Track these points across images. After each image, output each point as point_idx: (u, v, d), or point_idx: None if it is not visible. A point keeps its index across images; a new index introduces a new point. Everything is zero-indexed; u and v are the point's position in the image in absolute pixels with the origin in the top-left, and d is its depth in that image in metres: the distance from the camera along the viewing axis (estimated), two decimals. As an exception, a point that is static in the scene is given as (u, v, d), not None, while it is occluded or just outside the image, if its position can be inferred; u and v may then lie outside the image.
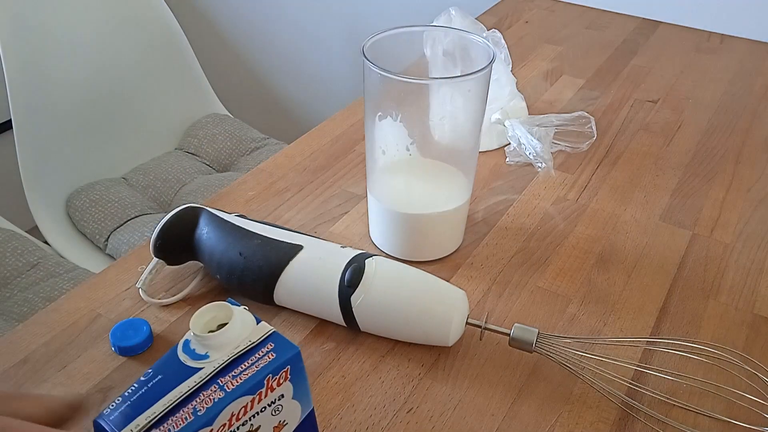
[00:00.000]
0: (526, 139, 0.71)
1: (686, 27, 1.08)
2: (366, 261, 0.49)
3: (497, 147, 0.75)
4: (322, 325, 0.52)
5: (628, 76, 0.92)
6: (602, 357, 0.48)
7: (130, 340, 0.49)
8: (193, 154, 1.28)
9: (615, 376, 0.47)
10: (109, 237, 1.06)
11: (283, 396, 0.36)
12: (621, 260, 0.60)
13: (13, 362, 0.49)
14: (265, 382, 0.34)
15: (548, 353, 0.47)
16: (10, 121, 1.07)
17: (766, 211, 0.66)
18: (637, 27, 1.08)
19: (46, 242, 1.07)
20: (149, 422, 0.32)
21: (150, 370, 0.34)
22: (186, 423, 0.32)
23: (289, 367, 0.35)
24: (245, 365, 0.34)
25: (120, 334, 0.50)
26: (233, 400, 0.33)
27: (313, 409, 0.39)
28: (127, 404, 0.33)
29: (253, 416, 0.35)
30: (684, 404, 0.46)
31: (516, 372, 0.49)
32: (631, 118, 0.82)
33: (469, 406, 0.46)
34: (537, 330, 0.48)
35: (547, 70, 0.94)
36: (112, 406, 0.33)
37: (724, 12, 1.06)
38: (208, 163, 1.27)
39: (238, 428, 0.34)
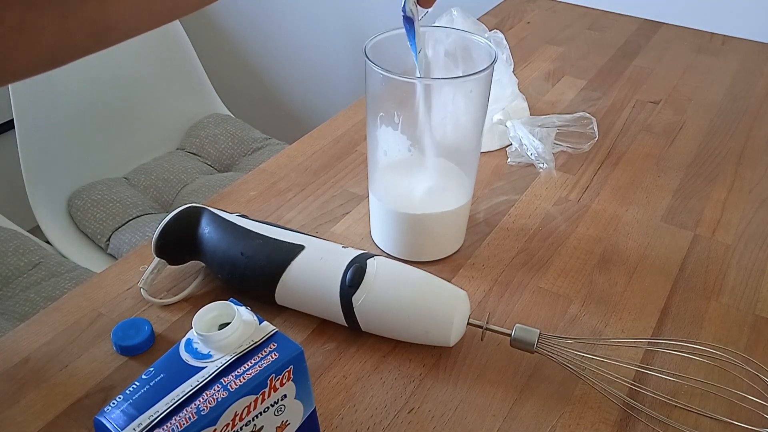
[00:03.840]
0: (528, 140, 0.71)
1: (688, 28, 1.08)
2: (367, 261, 0.49)
3: (499, 147, 0.75)
4: (323, 325, 0.52)
5: (630, 77, 0.92)
6: (603, 358, 0.48)
7: (132, 339, 0.49)
8: (194, 154, 1.28)
9: (616, 377, 0.47)
10: (110, 237, 1.07)
11: (285, 396, 0.36)
12: (622, 261, 0.60)
13: (14, 361, 0.49)
14: (269, 381, 0.34)
15: (549, 354, 0.47)
16: (12, 120, 1.07)
17: (767, 212, 0.66)
18: (638, 28, 1.08)
19: (47, 242, 1.07)
20: (152, 421, 0.32)
21: (151, 369, 0.35)
22: (189, 423, 0.32)
23: (292, 366, 0.35)
24: (248, 365, 0.34)
25: (121, 334, 0.50)
26: (237, 400, 0.33)
27: (315, 409, 0.39)
28: (128, 402, 0.33)
29: (257, 416, 0.35)
30: (685, 405, 0.46)
31: (517, 372, 0.49)
32: (633, 118, 0.82)
33: (470, 407, 0.46)
34: (538, 330, 0.48)
35: (548, 70, 0.94)
36: (113, 404, 0.33)
37: (725, 13, 1.06)
38: (209, 163, 1.27)
39: (241, 428, 0.34)
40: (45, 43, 0.23)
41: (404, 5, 0.48)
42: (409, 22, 0.49)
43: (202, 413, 0.32)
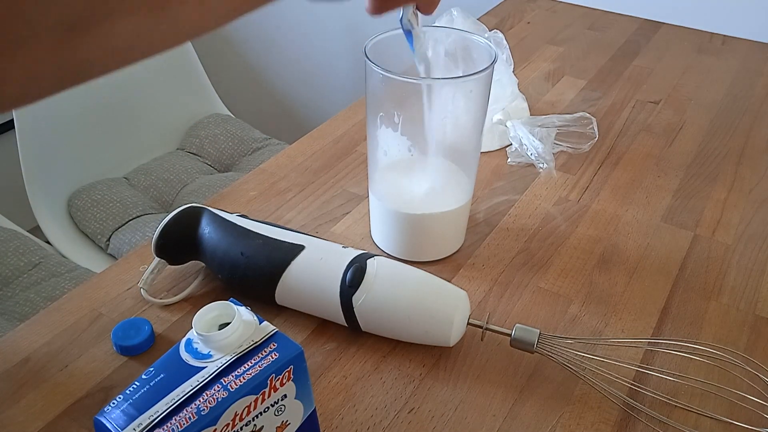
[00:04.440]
0: (528, 140, 0.71)
1: (688, 28, 1.08)
2: (367, 261, 0.49)
3: (499, 147, 0.75)
4: (323, 325, 0.52)
5: (630, 77, 0.92)
6: (604, 358, 0.48)
7: (132, 339, 0.49)
8: (194, 154, 1.28)
9: (616, 377, 0.47)
10: (110, 237, 1.07)
11: (286, 396, 0.36)
12: (622, 261, 0.60)
13: (14, 362, 0.49)
14: (269, 381, 0.34)
15: (549, 354, 0.47)
16: (12, 120, 1.07)
17: (767, 212, 0.66)
18: (638, 28, 1.08)
19: (47, 242, 1.07)
20: (152, 421, 0.32)
21: (151, 369, 0.35)
22: (190, 423, 0.32)
23: (292, 366, 0.35)
24: (248, 365, 0.34)
25: (121, 334, 0.50)
26: (237, 400, 0.33)
27: (315, 409, 0.39)
28: (128, 402, 0.33)
29: (257, 416, 0.35)
30: (685, 405, 0.46)
31: (517, 372, 0.49)
32: (633, 118, 0.82)
33: (470, 407, 0.46)
34: (538, 330, 0.48)
35: (548, 70, 0.94)
36: (113, 404, 0.33)
37: (725, 13, 1.06)
38: (209, 163, 1.27)
39: (241, 428, 0.34)
40: (8, 95, 0.21)
41: (401, 18, 0.48)
42: (408, 33, 0.49)
43: (202, 413, 0.32)
